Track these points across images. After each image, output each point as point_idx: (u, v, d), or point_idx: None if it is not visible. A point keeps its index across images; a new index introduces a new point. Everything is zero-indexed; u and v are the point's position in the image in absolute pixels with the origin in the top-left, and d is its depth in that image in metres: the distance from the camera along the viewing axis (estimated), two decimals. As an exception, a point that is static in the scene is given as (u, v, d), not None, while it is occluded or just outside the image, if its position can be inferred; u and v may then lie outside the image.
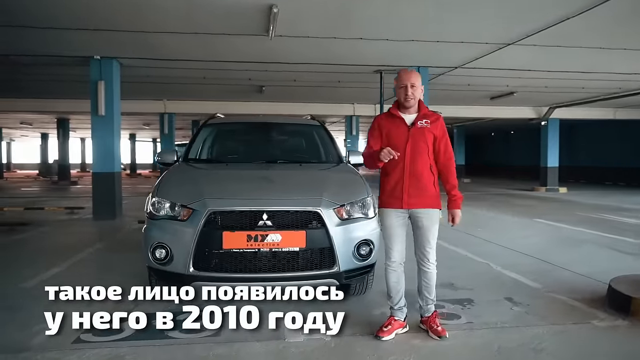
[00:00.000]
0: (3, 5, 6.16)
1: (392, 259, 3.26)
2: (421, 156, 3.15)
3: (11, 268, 5.22)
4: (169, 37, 7.59)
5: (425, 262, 3.25)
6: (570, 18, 6.49)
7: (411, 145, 3.15)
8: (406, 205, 3.16)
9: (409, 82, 3.15)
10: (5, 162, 37.65)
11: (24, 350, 3.02)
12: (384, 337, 3.20)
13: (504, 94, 13.81)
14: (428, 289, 3.27)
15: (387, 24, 7.06)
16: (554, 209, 11.39)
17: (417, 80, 3.19)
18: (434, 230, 3.21)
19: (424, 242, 3.22)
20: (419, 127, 3.17)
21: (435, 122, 3.21)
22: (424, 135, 3.16)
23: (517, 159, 29.10)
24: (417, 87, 3.17)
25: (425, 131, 3.17)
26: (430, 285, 3.27)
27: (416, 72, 3.27)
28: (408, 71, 3.25)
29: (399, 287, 3.29)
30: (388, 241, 3.26)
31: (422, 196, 3.16)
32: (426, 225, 3.19)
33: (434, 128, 3.19)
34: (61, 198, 14.35)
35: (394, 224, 3.22)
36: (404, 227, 3.25)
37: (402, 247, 3.27)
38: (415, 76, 3.20)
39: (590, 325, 3.49)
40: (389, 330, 3.23)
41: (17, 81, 11.73)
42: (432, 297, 3.28)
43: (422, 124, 3.18)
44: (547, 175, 17.92)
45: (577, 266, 5.28)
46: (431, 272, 3.26)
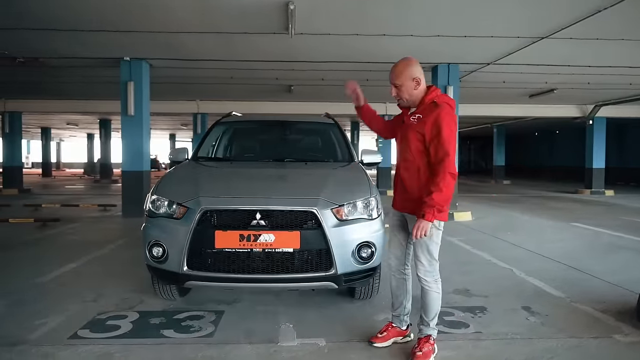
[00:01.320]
0: (32, 9, 6.38)
1: (388, 262, 3.08)
2: (404, 157, 2.82)
3: (32, 262, 5.39)
4: (192, 37, 7.66)
5: (417, 274, 2.85)
6: (602, 10, 6.07)
7: (399, 144, 2.89)
8: (397, 207, 2.95)
9: (391, 82, 2.79)
10: (55, 161, 39.66)
11: (20, 344, 3.06)
12: (376, 343, 3.03)
13: (544, 92, 13.19)
14: (423, 307, 2.86)
15: (408, 19, 6.83)
16: (595, 213, 10.76)
17: (398, 78, 2.74)
18: (422, 241, 2.75)
19: (415, 249, 2.85)
20: (408, 123, 2.81)
21: (427, 117, 2.68)
22: (408, 134, 2.78)
23: (562, 160, 27.89)
24: (402, 85, 2.74)
25: (410, 129, 2.77)
26: (424, 303, 2.84)
27: (401, 66, 2.76)
28: (393, 67, 2.80)
29: (398, 293, 3.07)
30: (388, 243, 3.09)
31: (407, 200, 2.83)
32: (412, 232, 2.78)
33: (420, 125, 2.70)
34: (98, 196, 14.85)
35: (392, 225, 3.02)
36: (402, 229, 2.98)
37: (399, 251, 3.01)
38: (396, 73, 2.75)
39: (612, 340, 3.18)
40: (383, 337, 3.05)
41: (60, 83, 12.22)
42: (427, 318, 2.85)
43: (412, 120, 2.78)
44: (592, 177, 16.99)
45: (609, 275, 4.90)
46: (423, 287, 2.83)
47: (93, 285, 4.42)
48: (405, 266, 3.04)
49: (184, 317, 3.55)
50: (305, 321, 3.50)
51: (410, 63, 2.77)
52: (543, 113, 16.84)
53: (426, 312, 2.87)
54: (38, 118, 22.47)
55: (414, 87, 2.76)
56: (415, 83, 2.75)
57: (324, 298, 4.04)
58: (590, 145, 17.30)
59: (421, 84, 2.77)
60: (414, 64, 2.77)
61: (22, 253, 5.91)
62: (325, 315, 3.64)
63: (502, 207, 12.00)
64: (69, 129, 28.71)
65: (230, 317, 3.58)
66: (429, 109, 2.74)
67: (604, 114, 16.54)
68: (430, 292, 2.83)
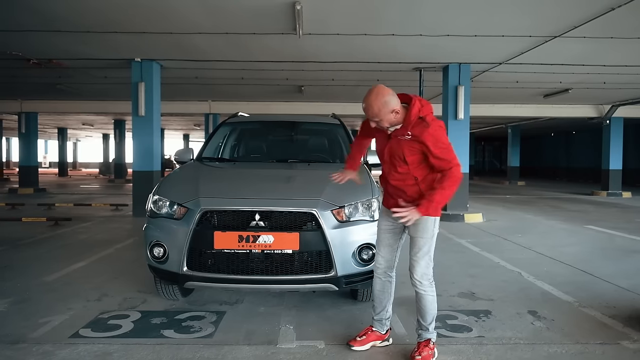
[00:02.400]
0: (46, 11, 6.46)
1: (376, 265, 3.01)
2: (395, 169, 2.76)
3: (41, 261, 5.44)
4: (201, 38, 7.68)
5: (411, 278, 2.81)
6: (616, 8, 5.93)
7: (388, 156, 2.80)
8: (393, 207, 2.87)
9: (369, 117, 2.69)
10: (71, 161, 40.29)
11: (21, 342, 3.08)
12: (354, 346, 2.99)
13: (558, 91, 12.96)
14: (420, 312, 2.84)
15: (418, 19, 6.75)
16: (610, 215, 10.53)
17: (377, 116, 2.62)
18: (419, 240, 2.76)
19: (411, 252, 2.81)
20: (397, 139, 2.72)
21: (420, 135, 2.62)
22: (402, 149, 2.69)
23: (578, 161, 27.44)
24: (382, 119, 2.64)
25: (404, 145, 2.69)
26: (421, 308, 2.81)
27: (376, 101, 2.59)
28: (366, 102, 2.63)
29: (382, 296, 3.02)
30: (377, 245, 3.02)
31: (407, 203, 2.74)
32: (411, 233, 2.81)
33: (415, 142, 2.65)
34: (111, 195, 15.04)
35: (383, 227, 2.96)
36: (393, 233, 2.93)
37: (389, 255, 2.96)
38: (374, 112, 2.61)
39: (619, 346, 3.09)
40: (362, 341, 3.01)
41: (74, 84, 12.38)
42: (425, 322, 2.82)
43: (404, 137, 2.68)
44: (609, 179, 16.67)
45: (621, 279, 4.79)
46: (419, 292, 2.79)
47: (98, 284, 4.46)
48: (393, 270, 3.02)
49: (185, 318, 3.55)
50: (306, 323, 3.48)
51: (384, 98, 2.60)
52: (558, 113, 16.56)
53: (424, 317, 2.83)
54: (54, 118, 22.83)
55: (394, 117, 2.66)
56: (394, 114, 2.65)
57: (326, 299, 4.02)
58: (607, 146, 16.97)
59: (400, 110, 2.66)
60: (388, 96, 2.61)
61: (32, 252, 5.98)
62: (326, 317, 3.61)
63: (514, 208, 11.83)
64: (85, 129, 29.11)
65: (232, 318, 3.58)
66: (419, 125, 2.65)
67: (621, 114, 16.21)
68: (426, 296, 2.79)
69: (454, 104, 9.55)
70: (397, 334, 3.26)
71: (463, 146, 9.73)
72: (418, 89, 10.19)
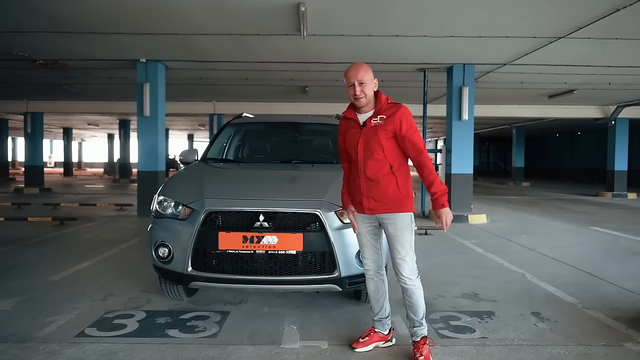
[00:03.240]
0: (52, 12, 6.51)
1: (365, 267, 3.04)
2: (372, 157, 2.79)
3: (46, 261, 5.49)
4: (206, 38, 7.72)
5: (399, 276, 2.84)
6: (621, 9, 5.93)
7: (363, 147, 2.82)
8: (368, 211, 2.86)
9: (355, 80, 2.77)
10: (76, 161, 40.48)
11: (27, 341, 3.11)
12: (357, 348, 3.01)
13: (563, 92, 12.92)
14: (411, 309, 2.87)
15: (422, 20, 6.76)
16: (615, 217, 10.49)
17: (365, 75, 2.78)
18: (402, 238, 2.79)
19: (393, 251, 2.84)
20: (371, 125, 2.81)
21: (391, 117, 2.76)
22: (377, 134, 2.77)
23: (583, 162, 27.33)
24: (366, 83, 2.78)
25: (379, 129, 2.77)
26: (413, 305, 2.85)
27: (365, 65, 2.83)
28: (355, 66, 2.83)
29: (377, 296, 3.05)
30: (360, 248, 3.05)
31: (382, 200, 2.80)
32: (391, 232, 2.82)
33: (389, 124, 2.76)
34: (116, 195, 15.10)
35: (362, 230, 2.97)
36: (373, 233, 2.96)
37: (375, 255, 2.99)
38: (363, 71, 2.79)
39: (622, 348, 3.09)
40: (365, 342, 3.03)
41: (79, 84, 12.46)
42: (417, 318, 2.87)
43: (376, 121, 2.80)
44: (614, 180, 16.61)
45: (626, 281, 4.78)
46: (409, 288, 2.83)
47: (104, 284, 4.49)
48: (383, 268, 3.07)
49: (189, 317, 3.58)
50: (310, 323, 3.50)
51: (368, 66, 2.87)
52: (563, 114, 16.51)
53: (416, 312, 2.87)
54: (60, 118, 22.96)
55: (374, 87, 2.86)
56: (374, 84, 2.86)
57: (329, 300, 4.03)
58: (612, 147, 16.91)
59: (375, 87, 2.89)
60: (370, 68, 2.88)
61: (38, 251, 6.02)
62: (330, 318, 3.63)
63: (518, 209, 11.80)
64: (90, 129, 29.26)
65: (236, 318, 3.60)
66: (390, 108, 2.82)
67: (627, 115, 16.15)
68: (415, 290, 2.84)
69: (458, 104, 9.55)
70: (399, 334, 3.27)
71: (467, 147, 9.73)
72: (422, 90, 10.19)
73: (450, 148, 9.79)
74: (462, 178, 9.73)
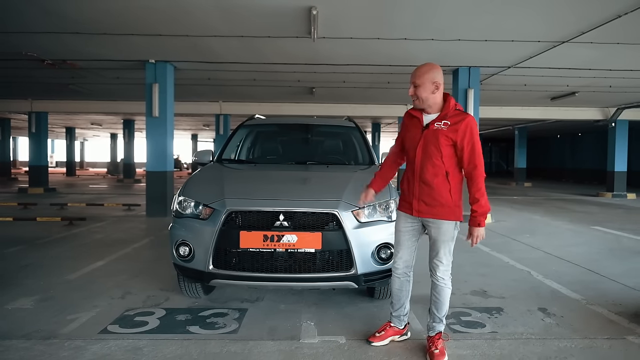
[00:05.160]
0: (64, 13, 6.61)
1: (395, 265, 3.11)
2: (431, 161, 2.83)
3: (61, 260, 5.57)
4: (217, 40, 7.83)
5: (433, 275, 2.97)
6: (622, 16, 6.07)
7: (422, 149, 2.87)
8: (416, 213, 2.94)
9: (411, 81, 2.88)
10: (78, 161, 40.53)
11: (52, 338, 3.19)
12: (374, 342, 3.12)
13: (565, 95, 13.05)
14: (436, 305, 2.98)
15: (429, 24, 6.89)
16: (616, 216, 10.64)
17: (419, 78, 2.82)
18: (443, 244, 2.89)
19: (432, 253, 2.95)
20: (434, 129, 2.84)
21: (456, 125, 2.78)
22: (437, 139, 2.81)
23: (584, 163, 27.46)
24: (421, 86, 2.82)
25: (440, 134, 2.81)
26: (439, 302, 2.96)
27: (425, 67, 2.86)
28: (418, 67, 2.90)
29: (400, 294, 3.14)
30: (395, 246, 3.14)
31: (432, 205, 2.87)
32: (434, 236, 2.91)
33: (451, 131, 2.79)
34: (122, 195, 15.21)
35: (403, 229, 3.06)
36: (413, 234, 3.04)
37: (408, 255, 3.08)
38: (418, 73, 2.84)
39: (625, 341, 3.24)
40: (381, 336, 3.14)
41: (86, 84, 12.55)
42: (440, 315, 2.98)
43: (439, 125, 2.82)
44: (614, 180, 16.76)
45: (627, 278, 4.94)
46: (440, 287, 2.94)
47: (120, 282, 4.58)
48: (410, 269, 3.14)
49: (208, 315, 3.68)
50: (326, 319, 3.61)
51: (433, 67, 2.87)
52: (565, 116, 16.65)
53: (439, 310, 2.98)
54: (63, 118, 23.01)
55: (432, 90, 2.84)
56: (434, 87, 2.84)
57: (344, 297, 4.16)
58: (612, 148, 17.06)
59: (440, 89, 2.87)
60: (437, 70, 2.86)
61: (50, 251, 6.09)
62: (345, 314, 3.75)
63: (522, 209, 11.94)
64: (93, 129, 29.32)
65: (254, 314, 3.71)
66: (457, 116, 2.84)
67: (626, 117, 16.31)
68: (445, 289, 2.95)
69: (463, 106, 9.67)
70: (414, 329, 3.40)
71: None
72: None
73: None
74: (466, 178, 9.84)
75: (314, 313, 3.75)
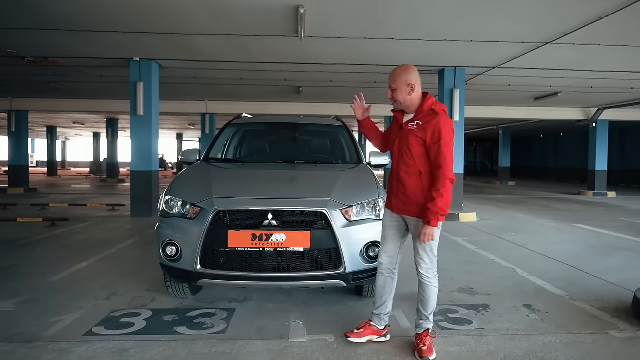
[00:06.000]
0: (46, 9, 6.48)
1: (380, 261, 3.14)
2: (403, 160, 2.91)
3: (44, 261, 5.45)
4: (204, 39, 7.77)
5: (418, 271, 2.98)
6: (604, 18, 6.21)
7: (397, 148, 2.96)
8: (396, 210, 3.00)
9: (388, 85, 2.93)
10: (60, 160, 39.86)
11: (35, 341, 3.12)
12: (351, 337, 3.11)
13: (548, 95, 13.28)
14: (422, 303, 2.99)
15: (416, 24, 6.94)
16: (597, 214, 10.85)
17: (395, 81, 2.87)
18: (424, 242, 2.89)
19: (415, 250, 2.98)
20: (407, 129, 2.90)
21: (426, 124, 2.81)
22: (408, 139, 2.88)
23: (565, 162, 27.96)
24: (397, 89, 2.87)
25: (411, 134, 2.87)
26: (425, 299, 2.97)
27: (399, 70, 2.90)
28: (393, 70, 2.93)
29: (383, 292, 3.13)
30: (381, 241, 3.16)
31: (408, 203, 2.92)
32: (414, 234, 2.95)
33: (421, 130, 2.82)
34: (105, 195, 14.99)
35: (387, 224, 3.09)
36: (398, 229, 3.06)
37: (393, 251, 3.09)
38: (394, 77, 2.89)
39: (608, 335, 3.31)
40: (359, 333, 3.13)
41: (68, 82, 12.34)
42: (426, 313, 2.99)
43: (412, 125, 2.88)
44: (595, 179, 17.12)
45: (609, 274, 5.04)
46: (425, 284, 2.96)
47: (105, 283, 4.51)
48: (395, 266, 3.14)
49: (196, 315, 3.64)
50: (315, 318, 3.61)
51: (408, 69, 2.89)
52: (548, 116, 16.92)
53: (425, 307, 2.99)
54: (44, 117, 22.61)
55: (408, 92, 2.88)
56: (409, 89, 2.87)
57: (332, 296, 4.16)
58: (593, 148, 17.43)
59: (415, 90, 2.88)
60: (412, 71, 2.88)
61: (32, 252, 5.95)
62: (334, 313, 3.75)
63: (506, 208, 12.10)
64: (75, 128, 28.87)
65: (242, 314, 3.68)
66: (428, 116, 2.86)
67: (607, 117, 16.65)
68: (430, 287, 2.97)
69: (449, 106, 9.76)
70: (402, 327, 3.42)
71: (458, 147, 9.97)
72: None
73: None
74: (453, 178, 9.95)
75: (303, 312, 3.75)
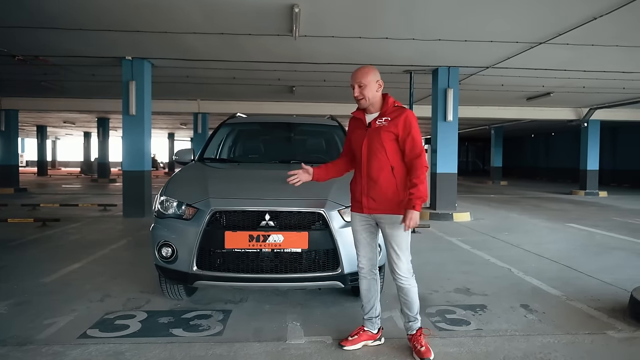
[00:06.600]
0: (36, 7, 6.40)
1: (359, 265, 3.10)
2: (376, 157, 2.91)
3: (36, 263, 5.38)
4: (196, 37, 7.72)
5: (394, 274, 2.94)
6: (598, 18, 6.24)
7: (367, 146, 2.95)
8: (366, 210, 2.96)
9: (355, 82, 2.92)
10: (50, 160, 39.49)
11: (29, 343, 3.07)
12: (346, 346, 3.06)
13: (540, 95, 13.36)
14: (407, 305, 2.96)
15: (411, 24, 6.94)
16: (589, 214, 10.92)
17: (365, 77, 2.89)
18: (398, 238, 2.89)
19: (389, 250, 2.94)
20: (376, 126, 2.92)
21: (396, 119, 2.88)
22: (380, 135, 2.89)
23: (558, 162, 28.17)
24: (366, 86, 2.89)
25: (382, 130, 2.89)
26: (408, 301, 2.94)
27: (367, 68, 2.95)
28: (358, 69, 2.96)
29: (369, 295, 3.11)
30: (355, 247, 3.12)
31: (381, 201, 2.90)
32: (388, 232, 2.91)
33: (392, 126, 2.87)
34: (97, 195, 14.86)
35: (358, 228, 3.05)
36: (370, 232, 3.04)
37: (371, 253, 3.07)
38: (363, 74, 2.91)
39: (605, 335, 3.31)
40: (353, 340, 3.09)
41: (59, 81, 12.21)
42: (413, 314, 2.97)
43: (380, 122, 2.91)
44: (587, 179, 17.27)
45: (604, 274, 5.06)
46: (404, 287, 2.92)
47: (99, 285, 4.45)
48: (376, 268, 3.12)
49: (192, 317, 3.60)
50: (312, 320, 3.58)
51: (374, 68, 2.98)
52: (540, 115, 17.03)
53: (411, 309, 2.97)
54: (34, 116, 22.37)
55: (377, 89, 2.95)
56: (378, 85, 2.95)
57: (329, 297, 4.13)
58: (585, 147, 17.56)
59: (381, 88, 2.99)
60: (377, 70, 2.98)
61: (24, 253, 5.89)
62: (331, 315, 3.72)
63: (499, 207, 12.15)
64: (66, 127, 28.60)
65: (238, 316, 3.64)
66: (396, 111, 2.94)
67: (598, 117, 16.78)
68: (410, 288, 2.94)
69: (443, 106, 9.78)
70: (399, 328, 3.38)
71: (452, 147, 9.99)
72: (408, 91, 10.39)
73: (436, 148, 10.03)
74: (447, 177, 9.99)
75: (299, 313, 3.72)
